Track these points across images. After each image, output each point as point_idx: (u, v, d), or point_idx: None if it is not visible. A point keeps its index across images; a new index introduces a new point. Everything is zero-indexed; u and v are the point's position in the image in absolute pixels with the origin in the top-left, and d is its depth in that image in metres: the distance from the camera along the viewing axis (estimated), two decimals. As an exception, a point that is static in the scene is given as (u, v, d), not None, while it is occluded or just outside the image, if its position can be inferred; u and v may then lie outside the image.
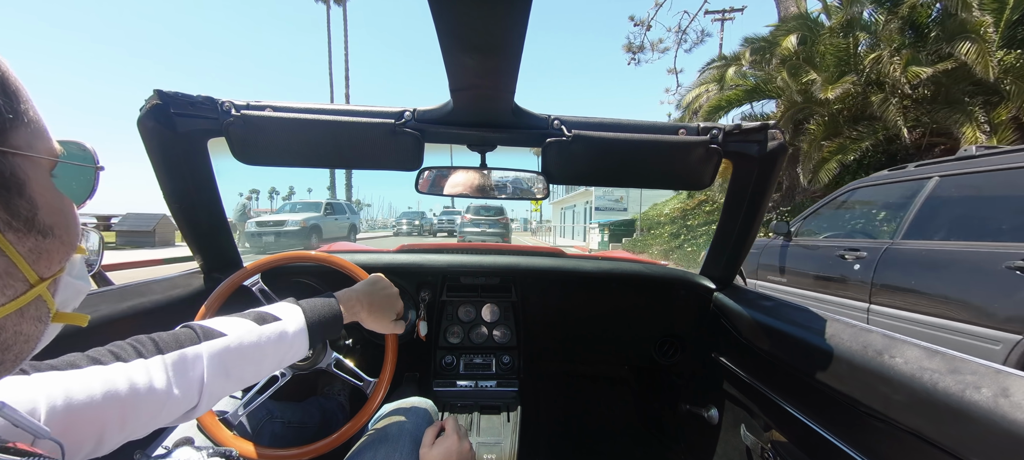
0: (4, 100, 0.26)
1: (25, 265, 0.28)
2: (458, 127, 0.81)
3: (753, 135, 0.84)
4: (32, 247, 0.28)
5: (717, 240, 1.10)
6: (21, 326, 0.29)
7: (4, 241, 0.26)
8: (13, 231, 0.27)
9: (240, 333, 0.57)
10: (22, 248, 0.27)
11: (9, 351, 0.28)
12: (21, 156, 0.27)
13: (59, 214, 0.30)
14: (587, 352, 1.45)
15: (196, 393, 0.51)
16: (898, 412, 0.59)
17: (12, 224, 0.27)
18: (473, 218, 13.85)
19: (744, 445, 0.98)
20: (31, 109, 0.28)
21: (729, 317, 1.07)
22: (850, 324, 0.75)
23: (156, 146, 0.80)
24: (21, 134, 0.27)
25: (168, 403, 0.48)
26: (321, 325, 0.66)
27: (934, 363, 0.57)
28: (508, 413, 1.19)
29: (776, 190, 6.36)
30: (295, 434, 0.96)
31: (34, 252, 0.28)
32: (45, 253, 0.29)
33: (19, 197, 0.27)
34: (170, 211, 0.92)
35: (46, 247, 0.29)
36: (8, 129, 0.26)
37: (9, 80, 0.27)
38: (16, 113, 0.27)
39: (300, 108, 0.77)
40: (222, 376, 0.54)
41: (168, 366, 0.49)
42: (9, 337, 0.28)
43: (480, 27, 0.51)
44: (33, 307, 0.29)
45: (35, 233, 0.28)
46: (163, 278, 0.99)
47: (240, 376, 0.56)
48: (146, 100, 0.75)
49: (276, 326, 0.60)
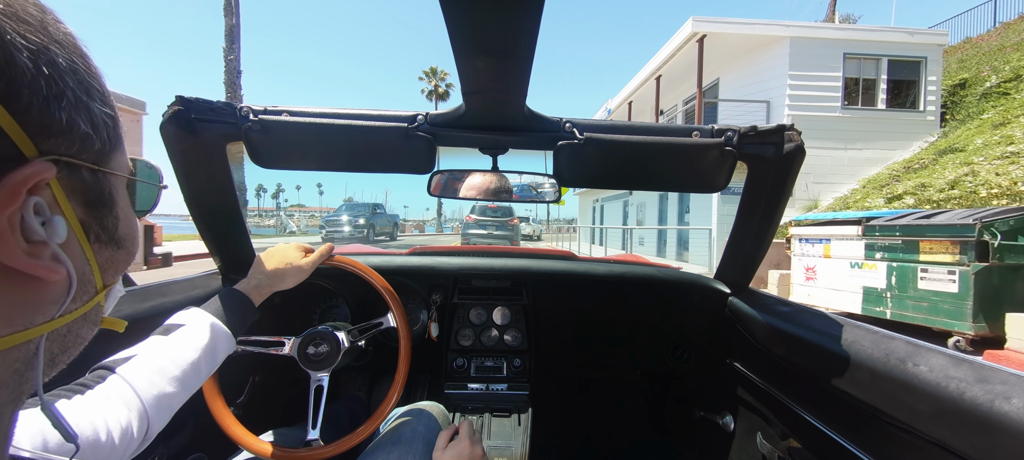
0: (111, 126, 0.28)
1: (99, 273, 0.30)
2: (470, 130, 0.82)
3: (769, 137, 0.82)
4: (108, 257, 0.30)
5: (731, 244, 1.09)
6: (82, 329, 0.30)
7: (90, 252, 0.28)
8: (99, 243, 0.29)
9: (149, 348, 0.59)
10: (101, 258, 0.29)
11: (67, 352, 0.30)
12: (115, 176, 0.30)
13: (132, 228, 0.33)
14: (599, 356, 1.43)
15: (141, 415, 0.52)
16: (923, 422, 0.57)
17: (101, 237, 0.29)
18: (478, 219, 13.19)
19: (760, 453, 0.96)
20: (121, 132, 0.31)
21: (744, 322, 1.05)
22: (871, 330, 0.73)
23: (177, 151, 0.82)
24: (117, 157, 0.30)
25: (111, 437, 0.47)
26: (234, 313, 0.72)
27: (961, 372, 0.55)
28: (519, 416, 1.19)
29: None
30: (333, 438, 0.97)
31: (108, 262, 0.30)
32: (114, 263, 0.31)
33: (110, 213, 0.29)
34: (190, 213, 0.94)
35: (117, 257, 0.31)
36: (110, 152, 0.29)
37: (115, 108, 0.29)
38: (118, 137, 0.29)
39: (316, 113, 0.79)
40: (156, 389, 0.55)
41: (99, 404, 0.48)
42: (72, 340, 0.30)
43: (492, 31, 0.52)
44: (94, 312, 0.31)
45: (113, 244, 0.30)
46: (183, 279, 1.01)
47: (178, 382, 0.58)
48: (168, 106, 0.77)
49: (183, 331, 0.64)
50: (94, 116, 0.26)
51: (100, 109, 0.27)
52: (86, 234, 0.27)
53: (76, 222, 0.26)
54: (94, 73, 0.27)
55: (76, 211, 0.26)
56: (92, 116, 0.26)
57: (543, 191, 0.92)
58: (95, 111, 0.26)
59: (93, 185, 0.27)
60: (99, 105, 0.27)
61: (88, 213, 0.27)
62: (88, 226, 0.28)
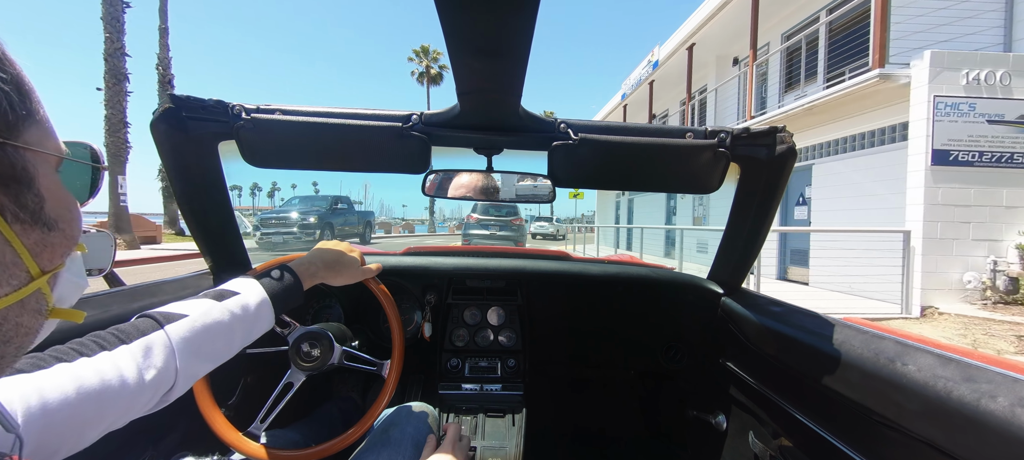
0: (19, 97, 0.27)
1: (28, 257, 0.28)
2: (465, 130, 0.82)
3: (761, 139, 0.83)
4: (37, 240, 0.29)
5: (724, 244, 1.10)
6: (22, 318, 0.29)
7: (10, 232, 0.27)
8: (20, 223, 0.28)
9: (201, 311, 0.58)
10: (27, 240, 0.28)
11: (10, 344, 0.29)
12: (32, 151, 0.28)
13: (64, 209, 0.31)
14: (593, 356, 1.44)
15: (170, 376, 0.52)
16: (911, 420, 0.58)
17: (19, 216, 0.27)
18: (480, 219, 12.31)
19: (752, 452, 0.97)
20: (41, 108, 0.29)
21: (737, 322, 1.06)
22: (861, 330, 0.74)
23: (168, 149, 0.81)
24: (32, 131, 0.28)
25: (142, 391, 0.49)
26: (282, 293, 0.70)
27: (948, 371, 0.56)
28: (513, 416, 1.19)
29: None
30: (325, 438, 0.96)
31: (38, 245, 0.29)
32: (48, 247, 0.30)
33: (28, 190, 0.28)
34: (181, 212, 0.93)
35: (50, 241, 0.30)
36: (21, 125, 0.27)
37: (23, 79, 0.28)
38: (29, 111, 0.28)
39: (309, 111, 0.78)
40: (192, 354, 0.55)
41: (135, 354, 0.49)
42: (10, 329, 0.29)
43: (487, 31, 0.52)
44: (33, 300, 0.30)
45: (40, 226, 0.29)
46: (174, 279, 1.00)
47: (211, 352, 0.59)
48: (159, 104, 0.76)
49: (236, 300, 0.63)
50: None
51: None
52: (2, 214, 0.26)
53: None
54: None
55: None
56: None
57: (537, 191, 0.92)
58: None
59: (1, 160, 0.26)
60: None
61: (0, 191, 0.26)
62: (2, 205, 0.26)
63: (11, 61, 0.27)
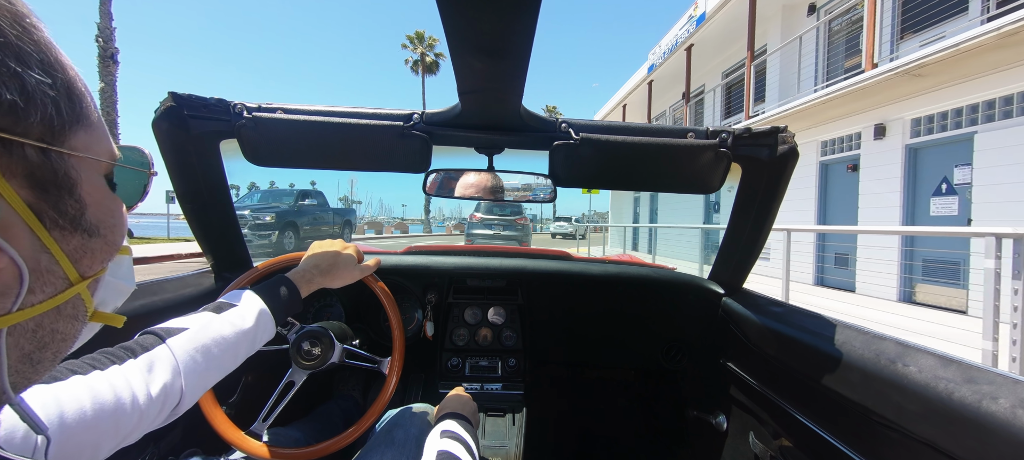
0: (69, 103, 0.27)
1: (68, 263, 0.28)
2: (466, 129, 0.82)
3: (763, 139, 0.83)
4: (77, 246, 0.29)
5: (726, 245, 1.09)
6: (58, 324, 0.29)
7: (49, 238, 0.26)
8: (59, 229, 0.27)
9: (201, 324, 0.59)
10: (66, 246, 0.28)
11: (47, 349, 0.28)
12: (77, 157, 0.28)
13: (108, 214, 0.31)
14: (593, 356, 1.44)
15: (177, 391, 0.53)
16: (911, 422, 0.58)
17: (58, 222, 0.27)
18: (484, 218, 11.95)
19: (752, 452, 0.97)
20: (93, 112, 0.29)
21: (738, 323, 1.06)
22: (862, 331, 0.74)
23: (170, 147, 0.81)
24: (80, 136, 0.28)
25: (151, 405, 0.49)
26: (281, 303, 0.72)
27: (949, 372, 0.56)
28: (513, 415, 1.19)
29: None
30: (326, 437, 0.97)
31: (78, 251, 0.29)
32: (89, 252, 0.30)
33: (69, 197, 0.27)
34: (182, 211, 0.94)
35: (91, 247, 0.30)
36: (68, 131, 0.27)
37: (76, 83, 0.28)
38: (78, 116, 0.28)
39: (311, 110, 0.78)
40: (197, 367, 0.56)
41: (143, 370, 0.50)
42: (46, 335, 0.28)
43: (489, 30, 0.52)
44: (70, 305, 0.29)
45: (81, 232, 0.29)
46: (175, 277, 1.00)
47: (217, 364, 0.59)
48: (161, 102, 0.76)
49: (234, 311, 0.64)
50: (27, 86, 0.24)
51: (38, 79, 0.25)
52: (39, 218, 0.26)
53: (20, 203, 0.24)
54: (33, 41, 0.25)
55: (20, 192, 0.24)
56: (24, 85, 0.24)
57: (538, 191, 0.92)
58: (28, 80, 0.24)
59: (41, 165, 0.25)
60: (37, 75, 0.24)
61: (38, 196, 0.25)
62: (41, 211, 0.26)
63: (64, 65, 0.27)
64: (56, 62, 0.26)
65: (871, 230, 5.53)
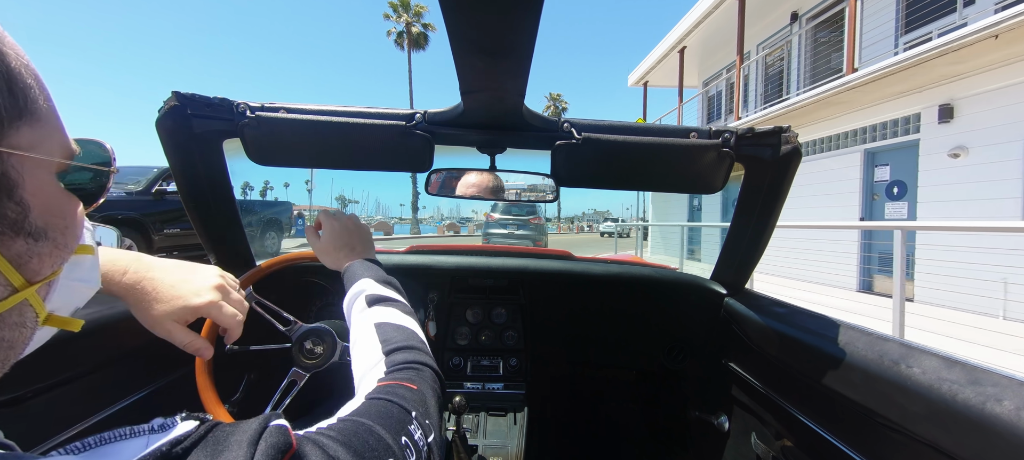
0: (9, 97, 0.24)
1: (10, 268, 0.26)
2: (468, 129, 0.82)
3: (766, 139, 0.83)
4: (21, 251, 0.27)
5: (728, 245, 1.09)
6: (3, 332, 0.27)
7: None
8: (3, 236, 0.25)
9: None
10: (8, 252, 0.26)
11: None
12: (17, 156, 0.25)
13: (56, 217, 0.29)
14: (595, 356, 1.44)
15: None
16: (915, 424, 0.58)
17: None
18: (499, 218, 12.18)
19: (754, 453, 0.97)
20: (41, 103, 0.27)
21: (740, 323, 1.06)
22: (865, 331, 0.74)
23: (173, 146, 0.81)
24: (24, 133, 0.25)
25: None
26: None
27: (953, 374, 0.56)
28: (515, 415, 1.19)
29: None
30: None
31: (23, 256, 0.27)
32: (36, 256, 0.28)
33: (8, 199, 0.25)
34: (186, 209, 0.94)
35: (38, 250, 0.28)
36: (7, 127, 0.24)
37: (18, 75, 0.25)
38: (21, 111, 0.25)
39: (313, 110, 0.78)
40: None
41: None
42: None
43: (491, 30, 0.52)
44: (15, 312, 0.27)
45: (24, 236, 0.26)
46: None
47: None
48: (165, 102, 0.77)
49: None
50: None
51: None
52: None
53: None
54: None
55: None
56: None
57: (540, 190, 0.92)
58: None
59: None
60: None
61: None
62: None
63: (3, 55, 0.24)
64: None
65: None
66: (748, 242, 1.03)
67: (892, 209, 5.86)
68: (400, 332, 0.56)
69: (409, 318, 0.61)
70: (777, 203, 0.91)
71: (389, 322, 0.58)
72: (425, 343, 0.57)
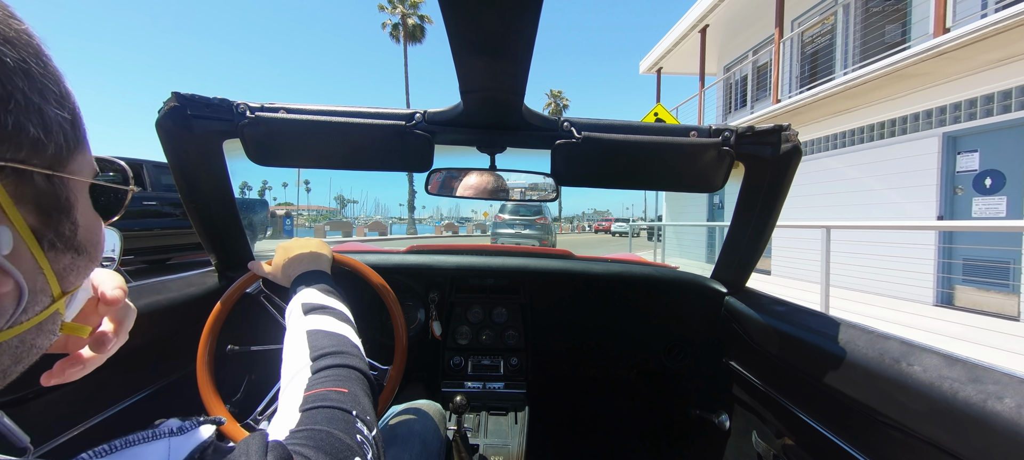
0: (73, 131, 0.27)
1: (55, 281, 0.28)
2: (468, 129, 0.82)
3: (766, 137, 0.83)
4: (66, 265, 0.29)
5: (728, 243, 1.09)
6: (38, 339, 0.29)
7: (44, 260, 0.27)
8: (54, 250, 0.27)
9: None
10: (57, 266, 0.28)
11: (20, 363, 0.28)
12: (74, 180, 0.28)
13: (93, 233, 0.31)
14: (596, 354, 1.44)
15: None
16: (916, 422, 0.58)
17: (56, 244, 0.27)
18: (507, 218, 12.28)
19: (755, 451, 0.97)
20: (85, 134, 0.30)
21: (740, 322, 1.06)
22: (866, 330, 0.74)
23: (173, 147, 0.82)
24: (77, 160, 0.28)
25: None
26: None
27: (954, 372, 0.56)
28: (516, 414, 1.19)
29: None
30: None
31: (66, 269, 0.29)
32: (74, 269, 0.30)
33: (67, 219, 0.28)
34: (186, 210, 0.94)
35: (77, 264, 0.30)
36: (70, 156, 0.27)
37: (78, 110, 0.28)
38: (78, 141, 0.28)
39: (313, 110, 0.78)
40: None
41: None
42: (24, 350, 0.28)
43: (490, 30, 0.52)
44: (50, 321, 0.29)
45: (71, 251, 0.29)
46: (178, 277, 1.01)
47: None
48: (165, 102, 0.77)
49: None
50: (47, 120, 0.25)
51: (56, 112, 0.25)
52: (40, 242, 0.26)
53: (27, 230, 0.25)
54: (51, 74, 0.26)
55: (27, 218, 0.25)
56: (45, 120, 0.25)
57: (540, 190, 0.92)
58: (49, 115, 0.25)
59: (47, 191, 0.26)
60: (55, 108, 0.25)
61: (41, 220, 0.26)
62: (41, 234, 0.26)
63: (71, 95, 0.27)
64: (66, 93, 0.27)
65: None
66: (748, 241, 1.03)
67: (983, 205, 4.54)
68: (330, 339, 0.57)
69: (343, 324, 0.62)
70: (777, 201, 0.91)
71: (321, 329, 0.59)
72: (358, 348, 0.57)
